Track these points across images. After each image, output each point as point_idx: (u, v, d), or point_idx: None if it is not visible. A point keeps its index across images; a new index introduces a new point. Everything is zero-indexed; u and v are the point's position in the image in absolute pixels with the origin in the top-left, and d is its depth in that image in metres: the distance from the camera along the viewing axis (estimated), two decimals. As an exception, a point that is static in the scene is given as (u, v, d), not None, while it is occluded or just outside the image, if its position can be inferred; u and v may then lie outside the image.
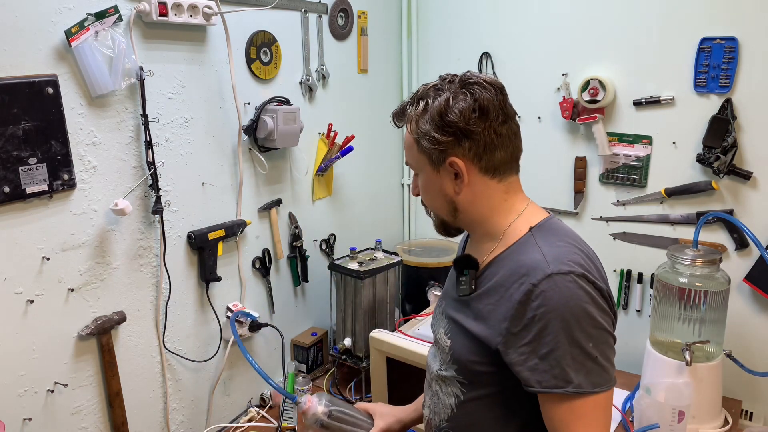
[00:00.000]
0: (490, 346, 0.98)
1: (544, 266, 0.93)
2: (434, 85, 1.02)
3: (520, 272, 0.96)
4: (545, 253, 0.96)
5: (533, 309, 0.92)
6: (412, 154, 1.06)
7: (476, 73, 1.02)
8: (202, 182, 1.54)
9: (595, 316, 0.92)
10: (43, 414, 1.27)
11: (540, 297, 0.92)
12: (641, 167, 1.84)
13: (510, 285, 0.96)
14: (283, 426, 1.59)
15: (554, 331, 0.91)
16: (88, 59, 1.21)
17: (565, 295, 0.91)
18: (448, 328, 1.10)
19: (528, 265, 0.95)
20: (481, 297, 1.02)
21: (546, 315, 0.91)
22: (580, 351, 0.91)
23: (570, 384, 0.91)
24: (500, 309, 0.97)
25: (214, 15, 1.43)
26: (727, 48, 1.64)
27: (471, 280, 1.04)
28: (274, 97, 1.68)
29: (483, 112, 0.97)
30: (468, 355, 1.04)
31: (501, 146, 1.00)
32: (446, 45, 2.18)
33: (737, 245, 1.74)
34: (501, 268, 1.01)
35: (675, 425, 1.46)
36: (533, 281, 0.92)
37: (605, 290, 0.96)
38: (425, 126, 1.00)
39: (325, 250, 2.01)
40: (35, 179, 1.17)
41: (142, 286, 1.43)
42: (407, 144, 1.07)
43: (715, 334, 1.57)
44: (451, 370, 1.08)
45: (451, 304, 1.12)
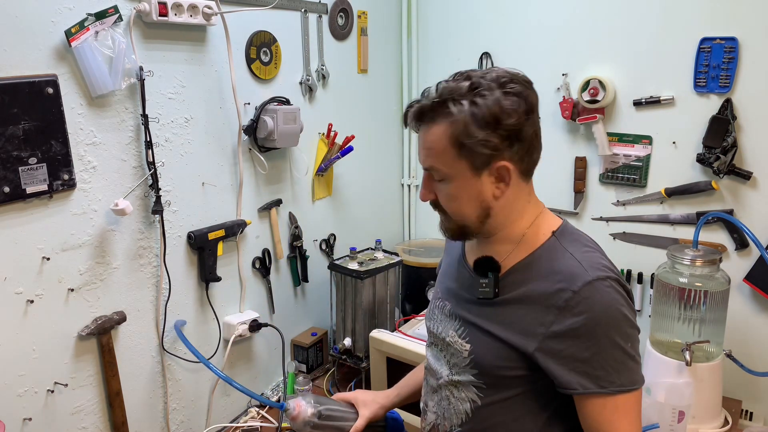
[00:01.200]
0: (525, 351, 0.97)
1: (583, 273, 0.94)
2: (469, 84, 0.94)
3: (556, 279, 0.96)
4: (579, 260, 0.97)
5: (575, 315, 0.93)
6: (445, 158, 0.97)
7: (503, 68, 0.98)
8: (202, 182, 1.54)
9: (630, 317, 0.96)
10: (43, 414, 1.27)
11: (582, 303, 0.93)
12: (641, 167, 1.84)
13: (545, 291, 0.96)
14: (283, 426, 1.59)
15: (597, 335, 0.93)
16: (88, 59, 1.21)
17: (605, 300, 0.93)
18: (464, 332, 1.07)
19: (564, 272, 0.96)
20: (510, 303, 1.00)
21: (589, 321, 0.93)
22: (621, 352, 0.94)
23: (613, 384, 0.94)
24: (533, 315, 0.97)
25: (214, 15, 1.43)
26: (727, 48, 1.64)
27: (494, 283, 1.01)
28: (274, 97, 1.68)
29: (531, 111, 0.95)
30: (494, 360, 1.01)
31: (538, 146, 1.00)
32: (446, 45, 2.18)
33: (737, 245, 1.74)
34: (530, 274, 1.00)
35: (675, 425, 1.46)
36: (574, 288, 0.93)
37: (630, 290, 0.99)
38: (478, 130, 0.92)
39: (325, 250, 2.01)
40: (35, 179, 1.17)
41: (142, 286, 1.43)
42: (438, 148, 0.97)
43: (715, 334, 1.57)
44: (468, 375, 1.05)
45: (465, 306, 1.08)
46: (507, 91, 0.93)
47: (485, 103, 0.92)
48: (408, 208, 2.41)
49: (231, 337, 1.63)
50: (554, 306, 0.95)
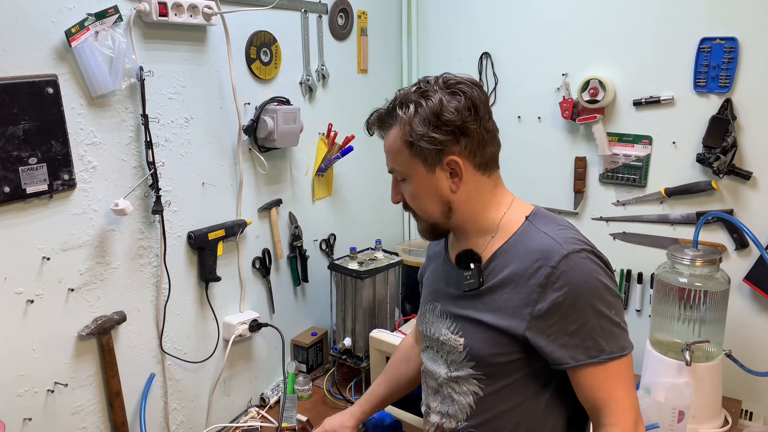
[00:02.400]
0: (516, 334, 1.00)
1: (558, 248, 0.99)
2: (417, 89, 1.03)
3: (533, 257, 1.00)
4: (554, 237, 1.01)
5: (556, 290, 0.97)
6: (401, 159, 1.06)
7: (453, 73, 1.05)
8: (202, 182, 1.54)
9: (610, 285, 1.00)
10: (43, 414, 1.27)
11: (562, 277, 0.96)
12: (641, 167, 1.84)
13: (525, 272, 1.00)
14: (283, 426, 1.59)
15: (580, 306, 0.96)
16: (88, 59, 1.21)
17: (584, 270, 0.97)
18: (457, 327, 1.10)
19: (540, 249, 1.00)
20: (494, 289, 1.04)
21: (570, 293, 0.96)
22: (606, 320, 0.98)
23: (603, 352, 0.97)
24: (518, 296, 1.00)
25: (214, 15, 1.43)
26: (727, 48, 1.64)
27: (478, 273, 1.05)
28: (274, 97, 1.68)
29: (475, 109, 1.01)
30: (488, 349, 1.04)
31: (491, 142, 1.05)
32: (446, 45, 2.18)
33: (737, 245, 1.74)
34: (509, 258, 1.03)
35: (675, 425, 1.46)
36: (552, 264, 0.97)
37: (607, 260, 1.03)
38: (421, 128, 1.01)
39: (325, 250, 2.01)
40: (35, 179, 1.17)
41: (142, 286, 1.43)
42: (394, 149, 1.06)
43: (715, 334, 1.57)
44: (466, 369, 1.08)
45: (454, 302, 1.11)
46: (453, 91, 1.01)
47: (428, 103, 1.01)
48: (408, 208, 2.41)
49: (231, 337, 1.63)
50: (536, 284, 0.98)
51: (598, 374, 0.98)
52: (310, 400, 1.81)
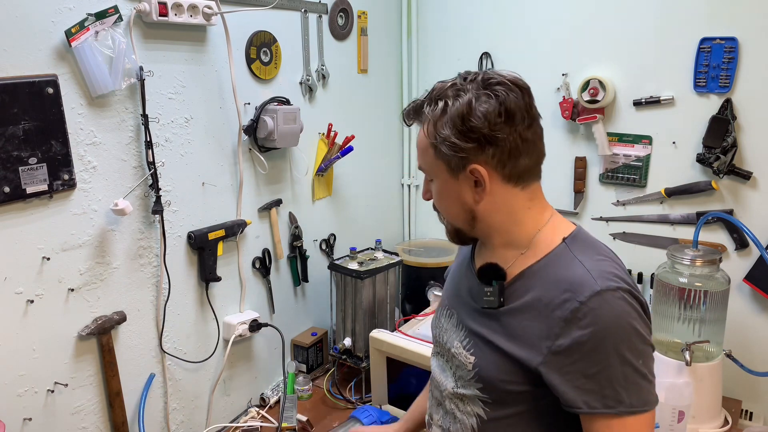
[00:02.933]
0: (529, 366, 0.92)
1: (591, 282, 0.88)
2: (453, 84, 0.94)
3: (562, 287, 0.90)
4: (589, 268, 0.91)
5: (581, 327, 0.87)
6: (427, 158, 0.98)
7: (499, 71, 0.95)
8: (202, 182, 1.54)
9: (642, 332, 0.89)
10: (43, 414, 1.27)
11: (589, 315, 0.87)
12: (641, 167, 1.84)
13: (550, 301, 0.91)
14: (283, 426, 1.59)
15: (604, 350, 0.87)
16: (88, 59, 1.21)
17: (615, 312, 0.87)
18: (469, 343, 1.02)
19: (572, 280, 0.90)
20: (514, 313, 0.95)
21: (596, 334, 0.86)
22: (631, 369, 0.87)
23: (621, 404, 0.87)
24: (539, 327, 0.91)
25: (214, 15, 1.43)
26: (727, 48, 1.64)
27: (499, 292, 0.96)
28: (274, 97, 1.68)
29: (509, 116, 0.91)
30: (499, 374, 0.96)
31: (526, 152, 0.94)
32: (446, 45, 2.18)
33: (737, 245, 1.74)
34: (536, 281, 0.94)
35: (675, 425, 1.46)
36: (581, 299, 0.87)
37: (645, 303, 0.92)
38: (444, 130, 0.92)
39: (325, 250, 2.01)
40: (35, 179, 1.17)
41: (142, 286, 1.43)
42: (421, 147, 0.98)
43: (715, 334, 1.57)
44: (473, 389, 1.01)
45: (471, 315, 1.04)
46: (488, 93, 0.91)
47: (455, 105, 0.91)
48: (408, 208, 2.41)
49: (231, 337, 1.63)
50: (560, 317, 0.89)
51: (612, 427, 0.88)
52: (310, 400, 1.81)
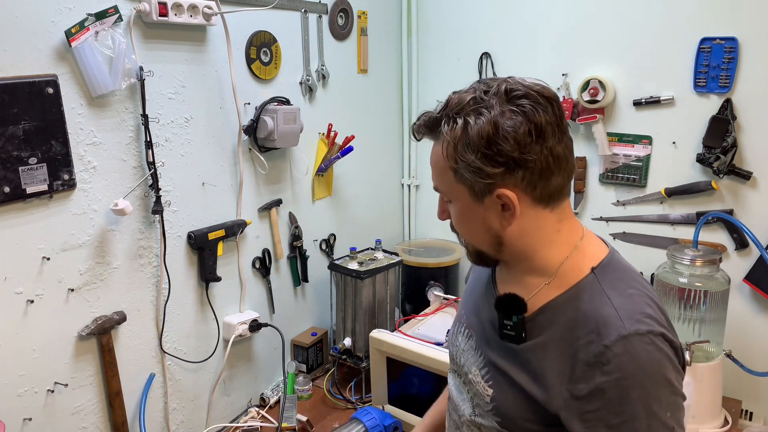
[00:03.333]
0: (548, 409, 0.85)
1: (618, 324, 0.80)
2: (473, 98, 0.82)
3: (587, 327, 0.82)
4: (617, 307, 0.82)
5: (605, 374, 0.79)
6: (445, 180, 0.86)
7: (521, 79, 0.83)
8: (202, 182, 1.54)
9: (674, 381, 0.80)
10: (43, 414, 1.27)
11: (614, 361, 0.78)
12: (641, 167, 1.84)
13: (573, 341, 0.83)
14: (283, 426, 1.59)
15: (629, 401, 0.78)
16: (88, 59, 1.21)
17: (643, 360, 0.78)
18: (488, 374, 0.95)
19: (597, 320, 0.81)
20: (535, 349, 0.87)
21: (620, 382, 0.78)
22: (659, 423, 0.79)
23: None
24: (559, 367, 0.84)
25: (214, 15, 1.43)
26: (727, 48, 1.64)
27: (521, 327, 0.88)
28: (274, 97, 1.68)
29: (539, 133, 0.80)
30: (518, 413, 0.89)
31: (558, 170, 0.83)
32: (446, 45, 2.18)
33: (737, 245, 1.74)
34: (560, 316, 0.86)
35: (675, 425, 1.46)
36: (606, 342, 0.79)
37: (679, 347, 0.83)
38: (467, 155, 0.81)
39: (325, 250, 2.01)
40: (35, 179, 1.17)
41: (142, 286, 1.43)
42: (438, 167, 0.87)
43: (715, 334, 1.57)
44: (491, 420, 0.94)
45: (490, 343, 0.96)
46: (513, 108, 0.80)
47: (478, 124, 0.80)
48: (408, 208, 2.41)
49: (231, 337, 1.63)
50: (582, 361, 0.81)
51: None
52: (310, 400, 1.81)
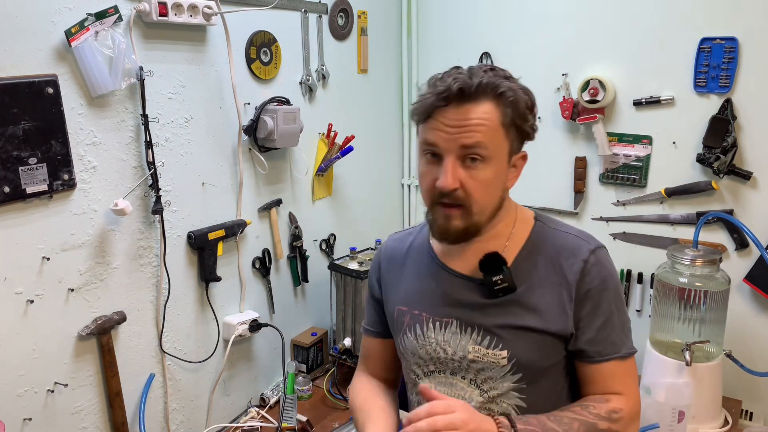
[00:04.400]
0: (564, 334, 0.98)
1: (585, 243, 1.00)
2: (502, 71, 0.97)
3: (565, 254, 0.99)
4: (574, 234, 1.02)
5: (587, 283, 0.97)
6: (494, 137, 0.93)
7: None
8: (202, 182, 1.54)
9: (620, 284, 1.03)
10: (43, 414, 1.27)
11: (591, 271, 0.97)
12: (641, 167, 1.84)
13: (559, 269, 0.99)
14: (283, 426, 1.59)
15: (606, 301, 0.98)
16: (88, 59, 1.21)
17: (608, 266, 1.00)
18: (493, 339, 0.99)
19: (568, 246, 1.00)
20: (533, 290, 0.99)
21: (599, 287, 0.97)
22: (624, 316, 1.01)
23: (624, 347, 1.00)
24: (557, 294, 0.98)
25: (214, 15, 1.43)
26: (727, 48, 1.64)
27: (510, 276, 0.98)
28: (274, 97, 1.68)
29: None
30: (538, 354, 0.98)
31: None
32: (446, 45, 2.18)
33: (737, 245, 1.74)
34: (535, 257, 1.01)
35: (675, 425, 1.46)
36: (583, 257, 0.98)
37: None
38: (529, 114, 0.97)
39: (325, 250, 2.01)
40: (35, 179, 1.17)
41: (142, 286, 1.43)
42: (490, 126, 0.92)
43: (715, 334, 1.57)
44: (507, 383, 1.00)
45: (481, 313, 1.01)
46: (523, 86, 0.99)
47: (526, 90, 0.96)
48: (408, 208, 2.41)
49: (231, 337, 1.63)
50: (572, 280, 0.98)
51: (616, 369, 0.99)
52: (310, 400, 1.81)
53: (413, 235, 1.17)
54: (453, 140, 0.92)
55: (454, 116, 0.92)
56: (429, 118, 0.95)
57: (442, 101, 0.92)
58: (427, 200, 0.99)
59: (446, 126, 0.92)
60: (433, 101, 0.93)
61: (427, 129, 0.96)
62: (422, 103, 0.95)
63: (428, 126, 0.95)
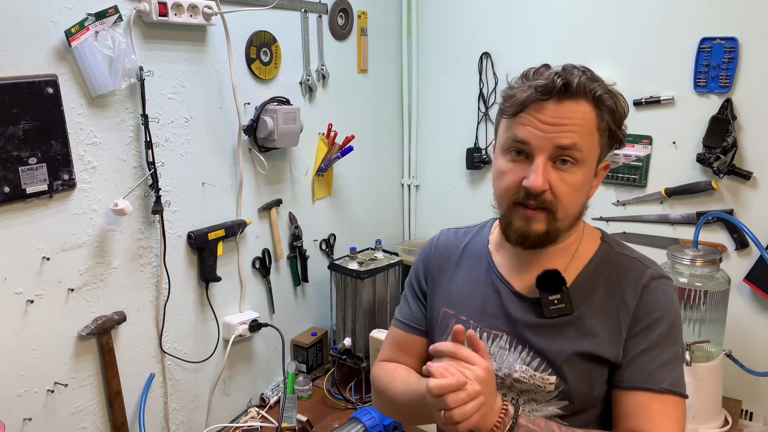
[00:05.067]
0: (616, 362, 0.92)
1: (647, 270, 0.94)
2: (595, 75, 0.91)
3: (627, 278, 0.94)
4: (638, 259, 0.97)
5: (644, 306, 0.92)
6: (590, 142, 0.89)
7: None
8: (202, 182, 1.54)
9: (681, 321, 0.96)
10: (43, 414, 1.27)
11: (650, 296, 0.92)
12: (641, 167, 1.84)
13: (619, 292, 0.94)
14: (283, 426, 1.59)
15: (657, 331, 0.91)
16: (88, 59, 1.21)
17: (669, 295, 0.94)
18: (542, 362, 0.95)
19: (630, 271, 0.95)
20: (589, 313, 0.94)
21: (653, 314, 0.92)
22: (673, 355, 0.92)
23: (664, 382, 0.90)
24: (614, 320, 0.93)
25: (214, 15, 1.43)
26: (727, 48, 1.64)
27: (568, 297, 0.94)
28: (274, 97, 1.68)
29: None
30: (589, 384, 0.93)
31: None
32: (446, 45, 2.18)
33: (737, 245, 1.74)
34: (596, 280, 0.95)
35: (675, 425, 1.45)
36: (644, 282, 0.93)
37: None
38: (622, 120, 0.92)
39: (325, 250, 2.01)
40: (35, 179, 1.17)
41: (142, 286, 1.43)
42: (586, 127, 0.88)
43: (715, 334, 1.57)
44: (552, 408, 0.95)
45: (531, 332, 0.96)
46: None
47: (622, 97, 0.92)
48: (408, 208, 2.41)
49: (231, 337, 1.63)
50: (630, 304, 0.92)
51: (653, 403, 0.89)
52: (310, 400, 1.81)
53: (470, 235, 1.11)
54: (548, 139, 0.86)
55: (552, 113, 0.86)
56: (521, 113, 0.88)
57: (543, 95, 0.86)
58: (505, 200, 0.92)
59: (542, 123, 0.87)
60: (531, 94, 0.87)
61: (516, 124, 0.89)
62: (517, 96, 0.89)
63: (519, 121, 0.89)
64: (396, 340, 1.13)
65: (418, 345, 1.10)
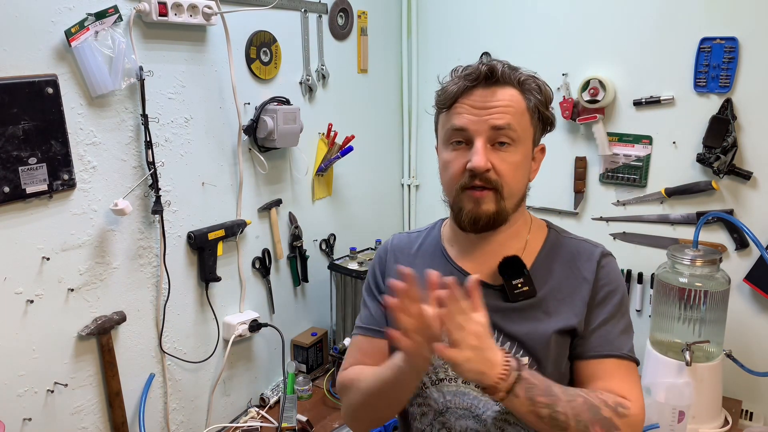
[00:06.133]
0: (579, 332, 0.99)
1: (595, 249, 1.04)
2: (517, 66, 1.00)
3: (581, 257, 1.03)
4: (585, 240, 1.07)
5: (600, 280, 1.01)
6: (523, 121, 0.96)
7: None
8: (202, 182, 1.54)
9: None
10: (43, 414, 1.27)
11: (603, 272, 1.01)
12: (641, 167, 1.84)
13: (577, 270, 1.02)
14: (283, 426, 1.59)
15: (612, 302, 1.00)
16: (88, 59, 1.21)
17: (617, 271, 1.04)
18: (514, 346, 0.99)
19: (583, 251, 1.04)
20: (552, 294, 1.01)
21: (608, 287, 1.01)
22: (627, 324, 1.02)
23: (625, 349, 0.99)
24: (579, 293, 1.00)
25: (214, 15, 1.43)
26: (727, 48, 1.64)
27: (530, 280, 1.00)
28: (274, 97, 1.68)
29: None
30: (559, 358, 0.99)
31: None
32: (446, 45, 2.18)
33: (737, 245, 1.74)
34: (551, 262, 1.03)
35: (675, 425, 1.46)
36: (597, 259, 1.02)
37: None
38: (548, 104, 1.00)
39: (325, 250, 2.01)
40: (35, 179, 1.17)
41: (142, 286, 1.43)
42: (518, 108, 0.95)
43: (715, 334, 1.57)
44: None
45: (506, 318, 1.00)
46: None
47: (543, 82, 1.00)
48: (408, 208, 2.41)
49: (231, 337, 1.63)
50: (588, 280, 1.00)
51: (619, 369, 0.97)
52: (310, 400, 1.81)
53: (422, 236, 1.14)
54: (483, 122, 0.94)
55: (483, 98, 0.94)
56: (455, 103, 0.96)
57: (471, 82, 0.95)
58: (453, 187, 0.98)
59: (475, 108, 0.94)
60: (462, 83, 0.95)
61: (453, 114, 0.97)
62: (449, 89, 0.97)
63: (454, 111, 0.96)
64: (359, 347, 1.14)
65: (381, 348, 1.10)
